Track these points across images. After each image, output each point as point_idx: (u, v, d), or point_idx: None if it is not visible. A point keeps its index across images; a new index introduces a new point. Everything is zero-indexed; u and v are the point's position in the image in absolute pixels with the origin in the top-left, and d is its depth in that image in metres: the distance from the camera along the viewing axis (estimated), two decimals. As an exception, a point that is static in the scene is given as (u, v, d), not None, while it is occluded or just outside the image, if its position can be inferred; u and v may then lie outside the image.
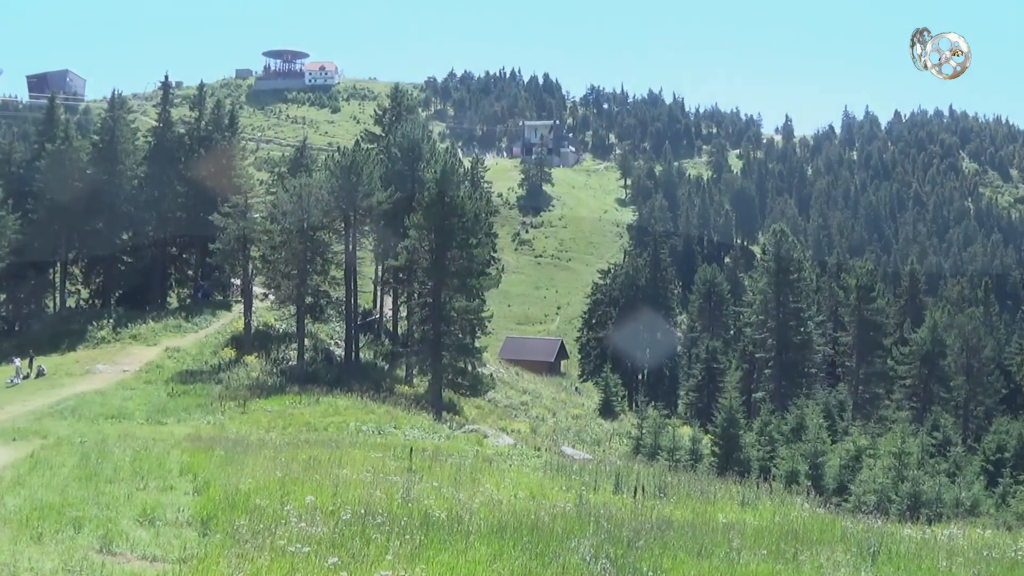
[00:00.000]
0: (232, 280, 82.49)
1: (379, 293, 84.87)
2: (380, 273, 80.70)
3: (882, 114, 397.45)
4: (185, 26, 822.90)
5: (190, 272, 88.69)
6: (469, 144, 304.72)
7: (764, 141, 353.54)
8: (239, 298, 77.65)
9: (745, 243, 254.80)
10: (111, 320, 73.23)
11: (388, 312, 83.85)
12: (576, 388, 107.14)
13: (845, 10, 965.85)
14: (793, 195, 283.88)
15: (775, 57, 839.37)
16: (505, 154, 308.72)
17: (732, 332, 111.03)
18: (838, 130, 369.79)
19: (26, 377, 59.60)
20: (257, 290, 72.64)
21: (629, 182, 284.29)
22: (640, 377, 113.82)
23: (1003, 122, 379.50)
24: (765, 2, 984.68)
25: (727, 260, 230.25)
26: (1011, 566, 17.45)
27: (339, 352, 70.79)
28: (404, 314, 78.97)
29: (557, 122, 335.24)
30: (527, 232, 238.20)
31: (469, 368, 66.88)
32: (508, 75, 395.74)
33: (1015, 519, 42.55)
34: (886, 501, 40.98)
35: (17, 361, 60.60)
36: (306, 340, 66.12)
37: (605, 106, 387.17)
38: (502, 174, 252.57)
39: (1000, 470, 57.43)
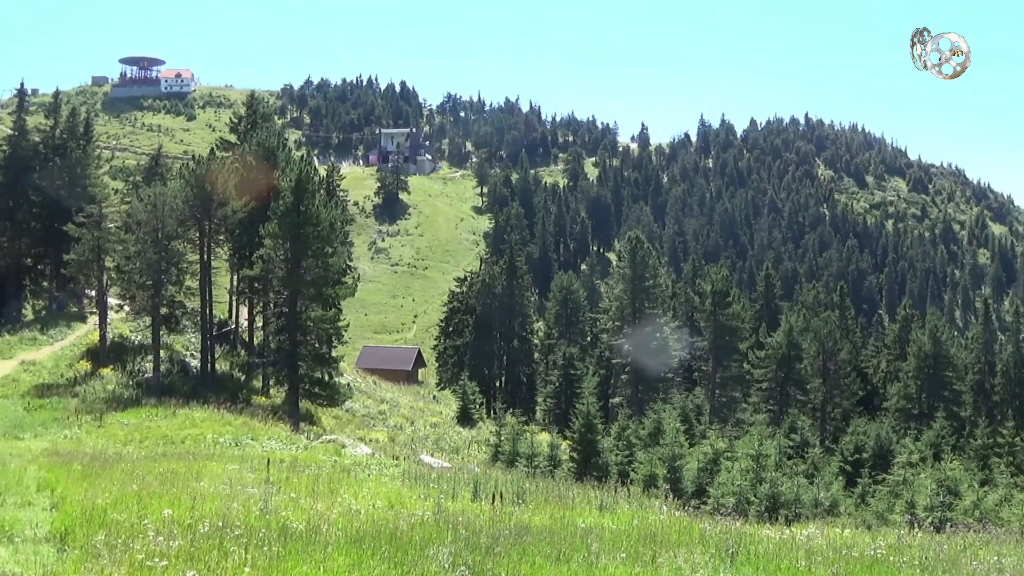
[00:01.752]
0: (87, 291, 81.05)
1: (235, 303, 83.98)
2: (235, 283, 79.88)
3: (738, 122, 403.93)
4: (42, 32, 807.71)
5: (45, 283, 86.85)
6: (325, 152, 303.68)
7: (620, 149, 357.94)
8: (94, 309, 76.40)
9: (601, 250, 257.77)
10: (-34, 334, 71.62)
11: (244, 322, 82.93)
12: (434, 396, 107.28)
13: (699, 17, 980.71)
14: (649, 202, 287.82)
15: (631, 65, 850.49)
16: (361, 162, 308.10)
17: (589, 338, 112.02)
18: (694, 138, 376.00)
19: None
20: (112, 301, 71.43)
21: (485, 190, 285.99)
22: (498, 384, 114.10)
23: (859, 130, 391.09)
24: (621, 9, 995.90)
25: (583, 267, 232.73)
26: (870, 564, 17.72)
27: (195, 363, 69.83)
28: (260, 324, 78.32)
29: (414, 130, 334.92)
30: (383, 241, 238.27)
31: (326, 378, 66.63)
32: (365, 82, 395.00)
33: (874, 518, 43.33)
34: (744, 503, 41.42)
35: None
36: (162, 352, 65.06)
37: (462, 114, 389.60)
38: (358, 182, 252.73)
39: (858, 470, 58.50)
